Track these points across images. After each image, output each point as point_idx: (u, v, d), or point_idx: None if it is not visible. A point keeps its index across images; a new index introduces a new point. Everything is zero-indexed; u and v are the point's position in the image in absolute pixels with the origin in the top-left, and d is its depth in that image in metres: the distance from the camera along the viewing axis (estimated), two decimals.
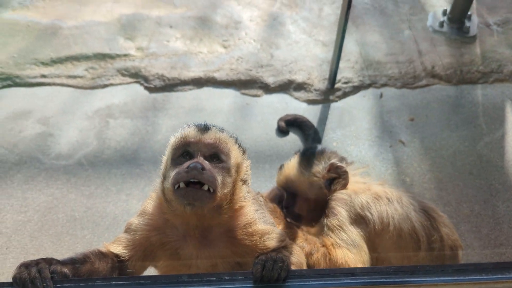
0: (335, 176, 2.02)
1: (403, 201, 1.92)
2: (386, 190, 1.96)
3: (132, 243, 1.51)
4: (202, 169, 1.36)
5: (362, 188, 1.98)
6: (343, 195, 1.95)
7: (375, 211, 1.86)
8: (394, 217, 1.85)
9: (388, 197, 1.91)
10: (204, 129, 1.50)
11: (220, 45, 3.83)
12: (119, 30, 3.93)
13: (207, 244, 1.48)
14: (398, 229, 1.85)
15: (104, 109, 3.28)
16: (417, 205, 1.94)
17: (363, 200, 1.90)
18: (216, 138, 1.48)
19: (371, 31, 4.04)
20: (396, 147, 3.08)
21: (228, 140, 1.51)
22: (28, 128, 3.11)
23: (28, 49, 3.71)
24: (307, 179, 2.09)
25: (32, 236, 2.48)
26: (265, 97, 3.44)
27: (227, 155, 1.47)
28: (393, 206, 1.88)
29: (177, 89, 3.46)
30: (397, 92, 3.50)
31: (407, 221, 1.86)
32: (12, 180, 2.77)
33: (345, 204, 1.91)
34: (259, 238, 1.49)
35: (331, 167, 2.03)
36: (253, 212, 1.55)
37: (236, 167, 1.50)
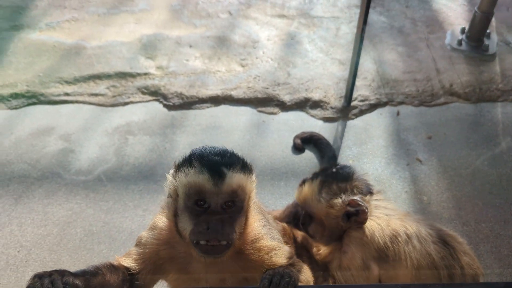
0: (353, 211, 1.94)
1: (422, 235, 1.89)
2: (405, 225, 1.91)
3: (142, 257, 1.54)
4: (222, 227, 1.38)
5: (381, 225, 1.92)
6: (360, 236, 1.90)
7: (391, 252, 1.83)
8: (411, 255, 1.84)
9: (408, 233, 1.87)
10: (220, 178, 1.38)
11: (238, 64, 3.90)
12: (140, 49, 4.04)
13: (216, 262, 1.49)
14: (416, 267, 1.83)
15: (124, 126, 3.36)
16: (435, 235, 1.91)
17: (381, 241, 1.85)
18: (233, 187, 1.40)
19: (389, 50, 4.05)
20: (413, 165, 3.05)
21: (242, 181, 1.43)
22: (51, 144, 3.21)
23: (53, 68, 3.84)
24: (324, 208, 2.00)
25: (51, 250, 2.54)
26: (282, 115, 3.47)
27: (243, 197, 1.43)
28: (411, 244, 1.85)
29: (195, 107, 3.53)
30: (414, 110, 3.48)
31: (426, 257, 1.84)
32: (34, 194, 2.85)
33: (361, 245, 1.88)
34: (266, 253, 1.50)
35: (351, 202, 1.95)
36: (260, 228, 1.56)
37: (248, 198, 1.47)
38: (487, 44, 3.94)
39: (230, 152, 1.50)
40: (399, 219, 1.98)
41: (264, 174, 2.99)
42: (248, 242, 1.51)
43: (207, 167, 1.39)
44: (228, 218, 1.41)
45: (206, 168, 1.39)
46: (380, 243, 1.86)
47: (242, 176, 1.42)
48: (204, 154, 1.44)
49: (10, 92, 3.59)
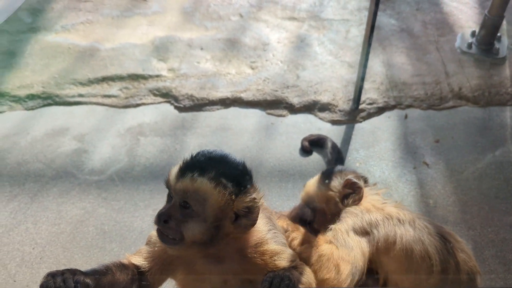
0: (350, 191, 2.09)
1: (416, 224, 1.93)
2: (399, 211, 1.98)
3: (152, 255, 1.59)
4: (165, 221, 1.44)
5: (376, 207, 2.02)
6: (355, 210, 2.01)
7: (382, 229, 1.89)
8: (402, 237, 1.87)
9: (400, 218, 1.94)
10: (181, 176, 1.44)
11: (248, 66, 3.95)
12: (152, 52, 4.12)
13: (219, 260, 1.55)
14: (406, 249, 1.85)
15: (136, 127, 3.44)
16: (432, 229, 1.94)
17: (373, 218, 1.93)
18: (186, 188, 1.42)
19: (398, 52, 4.06)
20: (420, 168, 3.07)
21: (203, 188, 1.42)
22: (65, 144, 3.30)
23: (68, 69, 3.94)
24: (324, 193, 2.17)
25: (64, 248, 2.63)
26: (290, 117, 3.51)
27: (201, 204, 1.43)
28: (403, 227, 1.89)
29: (205, 108, 3.59)
30: (422, 114, 3.50)
31: (419, 243, 1.86)
32: (48, 193, 2.94)
33: (354, 216, 1.96)
34: (270, 257, 1.54)
35: (346, 182, 2.10)
36: (265, 232, 1.59)
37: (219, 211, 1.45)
38: (498, 47, 3.93)
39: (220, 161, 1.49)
40: (394, 207, 2.05)
41: (272, 176, 3.04)
42: (251, 246, 1.55)
43: (185, 163, 1.47)
44: (179, 217, 1.45)
45: (182, 163, 1.48)
46: (372, 219, 1.93)
47: (206, 185, 1.42)
48: (197, 154, 1.50)
49: (27, 93, 3.69)
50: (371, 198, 2.12)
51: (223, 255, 1.55)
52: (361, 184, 2.10)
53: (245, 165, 1.56)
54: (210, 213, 1.44)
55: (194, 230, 1.45)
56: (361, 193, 2.08)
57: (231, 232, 1.51)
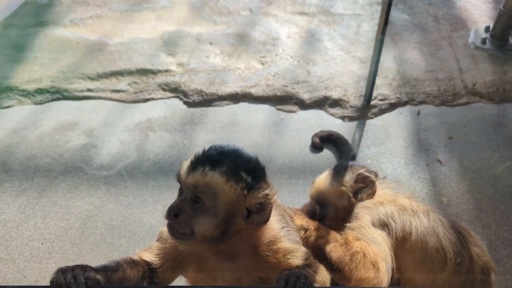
0: (363, 186, 2.05)
1: (430, 216, 1.89)
2: (412, 203, 1.95)
3: (163, 251, 1.56)
4: (175, 215, 1.42)
5: (388, 199, 1.98)
6: (368, 204, 1.96)
7: (398, 219, 1.84)
8: (417, 228, 1.82)
9: (414, 209, 1.90)
10: (190, 170, 1.42)
11: (257, 61, 3.91)
12: (161, 46, 4.09)
13: (231, 257, 1.52)
14: (422, 241, 1.81)
15: (145, 122, 3.42)
16: (446, 222, 1.90)
17: (387, 209, 1.89)
18: (198, 183, 1.40)
19: (410, 48, 4.00)
20: (433, 166, 3.02)
21: (214, 182, 1.39)
22: (74, 139, 3.28)
23: (77, 64, 3.92)
24: (335, 189, 2.12)
25: (73, 243, 2.61)
26: (300, 113, 3.47)
27: (212, 198, 1.40)
28: (418, 218, 1.85)
29: (215, 104, 3.55)
30: (435, 110, 3.43)
31: (433, 235, 1.82)
32: (57, 188, 2.93)
33: (369, 211, 1.91)
34: (283, 256, 1.50)
35: (358, 177, 2.06)
36: (278, 230, 1.56)
37: (230, 206, 1.42)
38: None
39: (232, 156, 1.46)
40: (406, 198, 2.02)
41: (282, 173, 3.00)
42: (264, 243, 1.51)
43: (197, 157, 1.44)
44: (190, 211, 1.42)
45: (193, 157, 1.45)
46: (387, 211, 1.88)
47: (217, 179, 1.39)
48: (209, 148, 1.47)
49: (35, 88, 3.68)
50: (382, 192, 2.08)
51: (235, 252, 1.52)
52: (373, 178, 2.07)
53: (258, 160, 1.52)
54: (221, 208, 1.41)
55: (204, 225, 1.41)
56: (374, 187, 2.05)
57: (243, 229, 1.47)
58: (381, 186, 2.13)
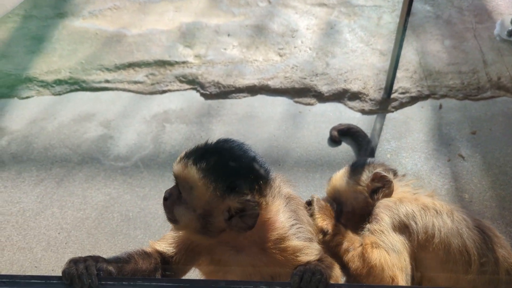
0: (380, 185, 1.97)
1: (454, 216, 1.81)
2: (435, 202, 1.86)
3: (177, 241, 1.55)
4: (165, 199, 1.47)
5: (409, 198, 1.90)
6: (388, 202, 1.88)
7: (419, 220, 1.77)
8: (441, 229, 1.74)
9: (437, 209, 1.81)
10: (180, 158, 1.44)
11: (275, 53, 3.86)
12: (179, 38, 4.07)
13: (239, 250, 1.49)
14: (445, 243, 1.73)
15: (162, 114, 3.41)
16: (471, 222, 1.82)
17: (408, 208, 1.81)
18: (178, 172, 1.42)
19: (433, 40, 3.89)
20: (455, 161, 2.93)
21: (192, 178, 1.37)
22: (91, 130, 3.30)
23: (95, 55, 3.93)
24: (352, 188, 2.05)
25: (89, 233, 2.62)
26: (319, 106, 3.41)
27: (188, 191, 1.40)
28: (441, 219, 1.77)
29: (232, 96, 3.52)
30: (458, 104, 3.34)
31: (457, 237, 1.74)
32: (74, 178, 2.94)
33: (389, 211, 1.83)
34: (291, 254, 1.46)
35: (375, 176, 1.98)
36: (287, 228, 1.50)
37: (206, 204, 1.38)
38: None
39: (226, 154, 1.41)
40: (429, 196, 1.94)
41: (299, 166, 2.96)
42: (271, 241, 1.47)
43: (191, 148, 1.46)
44: (176, 199, 1.44)
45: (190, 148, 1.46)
46: (408, 210, 1.80)
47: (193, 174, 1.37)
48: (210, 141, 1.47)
49: (54, 79, 3.70)
50: (402, 190, 2.00)
51: (242, 246, 1.49)
52: (390, 177, 1.97)
53: (254, 164, 1.43)
54: (197, 204, 1.40)
55: (182, 216, 1.44)
56: (391, 187, 1.96)
57: (225, 229, 1.43)
58: (400, 184, 2.04)
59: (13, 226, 2.66)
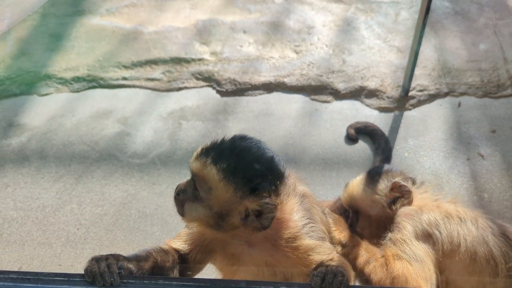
0: (398, 195, 1.91)
1: (479, 223, 1.76)
2: (458, 209, 1.81)
3: (191, 237, 1.56)
4: (177, 194, 1.48)
5: (431, 205, 1.85)
6: (410, 211, 1.83)
7: (444, 229, 1.73)
8: (466, 238, 1.70)
9: (461, 216, 1.76)
10: (197, 155, 1.42)
11: (291, 50, 3.84)
12: (195, 35, 4.08)
13: (251, 245, 1.49)
14: (471, 252, 1.69)
15: (178, 111, 3.42)
16: (496, 229, 1.77)
17: (431, 217, 1.76)
18: (197, 170, 1.40)
19: (452, 37, 3.83)
20: (474, 160, 2.89)
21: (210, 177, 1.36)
22: (109, 127, 3.33)
23: (112, 52, 3.97)
24: (369, 197, 1.99)
25: (107, 229, 2.65)
26: (335, 103, 3.39)
27: (206, 191, 1.39)
28: (466, 227, 1.73)
29: (248, 93, 3.52)
30: (477, 102, 3.28)
31: (483, 245, 1.70)
32: (93, 175, 2.98)
33: (411, 219, 1.79)
34: (304, 252, 1.45)
35: (394, 185, 1.92)
36: (300, 227, 1.49)
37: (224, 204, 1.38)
38: None
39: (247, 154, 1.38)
40: (451, 203, 1.89)
41: (315, 164, 2.95)
42: (283, 239, 1.46)
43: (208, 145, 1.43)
44: (190, 195, 1.45)
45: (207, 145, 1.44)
46: (431, 219, 1.76)
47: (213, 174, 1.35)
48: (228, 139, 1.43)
49: (72, 76, 3.75)
50: (421, 197, 1.94)
51: (253, 241, 1.49)
52: (409, 187, 1.91)
53: (272, 166, 1.40)
54: (214, 203, 1.39)
55: (195, 212, 1.44)
56: (411, 197, 1.90)
57: (240, 228, 1.42)
58: (419, 191, 1.98)
59: (33, 221, 2.71)
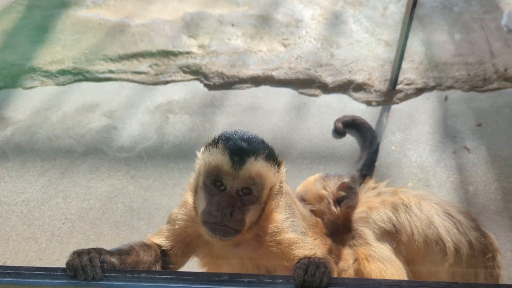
0: (344, 195, 2.01)
1: (423, 206, 1.86)
2: (401, 196, 1.91)
3: (173, 233, 1.55)
4: (231, 214, 1.37)
5: (376, 202, 1.94)
6: (360, 214, 1.92)
7: (396, 222, 1.82)
8: (416, 225, 1.80)
9: (405, 203, 1.87)
10: (239, 163, 1.36)
11: (280, 43, 3.83)
12: (182, 28, 4.04)
13: (236, 246, 1.50)
14: (423, 236, 1.79)
15: (165, 104, 3.40)
16: (440, 209, 1.85)
17: (381, 213, 1.86)
18: (252, 174, 1.37)
19: (439, 31, 3.85)
20: (460, 153, 2.92)
21: (263, 170, 1.39)
22: (95, 120, 3.29)
23: (99, 45, 3.92)
24: (318, 191, 2.09)
25: (93, 224, 2.63)
26: (323, 97, 3.39)
27: (261, 187, 1.40)
28: (412, 213, 1.83)
29: (235, 87, 3.50)
30: (464, 95, 3.31)
31: (430, 227, 1.79)
32: (78, 169, 2.95)
33: (366, 223, 1.88)
34: (286, 247, 1.47)
35: (342, 185, 2.02)
36: (282, 220, 1.52)
37: (269, 190, 1.44)
38: None
39: (259, 140, 1.45)
40: (391, 195, 1.98)
41: (303, 158, 2.95)
42: (267, 233, 1.48)
43: (230, 149, 1.38)
44: (241, 205, 1.39)
45: (229, 150, 1.38)
46: (382, 215, 1.87)
47: (264, 166, 1.39)
48: (232, 137, 1.42)
49: (58, 69, 3.70)
50: (365, 196, 2.06)
51: (239, 240, 1.49)
52: (356, 189, 2.02)
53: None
54: (266, 193, 1.43)
55: (253, 216, 1.42)
56: (355, 201, 2.00)
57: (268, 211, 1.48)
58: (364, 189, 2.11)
59: (17, 216, 2.68)
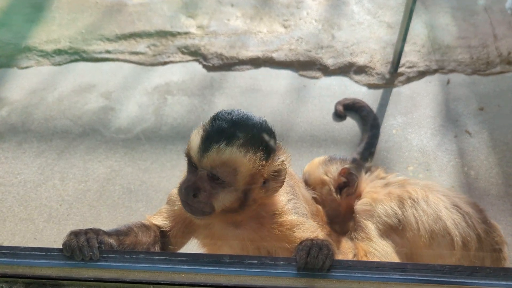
0: (345, 181, 1.98)
1: (430, 199, 1.81)
2: (408, 190, 1.86)
3: (172, 214, 1.53)
4: (194, 195, 1.34)
5: (382, 194, 1.89)
6: (365, 206, 1.88)
7: (402, 217, 1.78)
8: (422, 220, 1.76)
9: (413, 197, 1.81)
10: (204, 149, 1.30)
11: (280, 24, 3.76)
12: (181, 7, 3.96)
13: (236, 225, 1.47)
14: (429, 231, 1.75)
15: (163, 85, 3.34)
16: (448, 202, 1.82)
17: (387, 207, 1.81)
18: (215, 160, 1.30)
19: (442, 13, 3.78)
20: (461, 137, 2.89)
21: (234, 157, 1.30)
22: (92, 101, 3.24)
23: (95, 25, 3.84)
24: (320, 176, 2.05)
25: (91, 205, 2.60)
26: (324, 80, 3.34)
27: (232, 174, 1.32)
28: (419, 208, 1.78)
29: (235, 68, 3.45)
30: (466, 79, 3.26)
31: (437, 221, 1.75)
32: (75, 150, 2.91)
33: (370, 216, 1.84)
34: (288, 229, 1.44)
35: (343, 171, 1.98)
36: (284, 202, 1.49)
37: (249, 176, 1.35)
38: None
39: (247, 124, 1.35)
40: (399, 187, 1.93)
41: (303, 141, 2.91)
42: (269, 215, 1.45)
43: (205, 132, 1.33)
44: (209, 188, 1.34)
45: (204, 133, 1.33)
46: (387, 209, 1.82)
47: (235, 154, 1.30)
48: (216, 119, 1.35)
49: (54, 48, 3.62)
50: (372, 185, 2.01)
51: (240, 221, 1.47)
52: (357, 176, 1.98)
53: (267, 124, 1.41)
54: (241, 181, 1.35)
55: (225, 201, 1.36)
56: (355, 187, 1.97)
57: (260, 197, 1.42)
58: (370, 178, 2.06)
59: (14, 197, 2.65)
